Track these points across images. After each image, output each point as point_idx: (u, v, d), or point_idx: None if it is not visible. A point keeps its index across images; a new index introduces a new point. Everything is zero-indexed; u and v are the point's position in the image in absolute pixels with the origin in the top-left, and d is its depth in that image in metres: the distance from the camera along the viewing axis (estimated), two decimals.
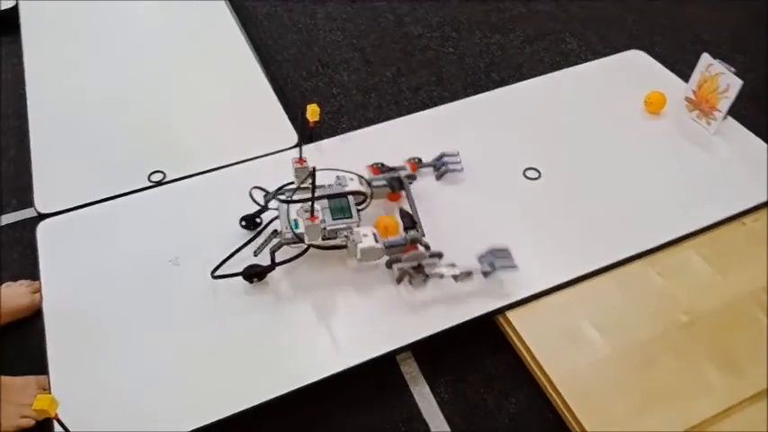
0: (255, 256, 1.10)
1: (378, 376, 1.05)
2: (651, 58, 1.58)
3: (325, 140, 1.37)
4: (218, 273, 1.08)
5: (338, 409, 1.02)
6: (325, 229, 1.06)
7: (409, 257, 1.06)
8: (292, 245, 1.10)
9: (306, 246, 1.09)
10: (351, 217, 1.09)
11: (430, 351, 1.08)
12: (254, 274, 1.08)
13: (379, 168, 1.21)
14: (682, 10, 1.86)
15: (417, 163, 1.27)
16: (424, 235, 1.10)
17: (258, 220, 1.16)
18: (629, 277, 1.13)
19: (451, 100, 1.51)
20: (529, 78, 1.56)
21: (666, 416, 0.96)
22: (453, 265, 1.06)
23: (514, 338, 1.06)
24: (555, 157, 1.31)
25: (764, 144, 1.36)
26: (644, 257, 1.15)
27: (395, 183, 1.19)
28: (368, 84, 1.62)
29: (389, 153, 1.25)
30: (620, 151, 1.34)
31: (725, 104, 1.31)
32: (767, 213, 1.23)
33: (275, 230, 1.11)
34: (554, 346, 1.03)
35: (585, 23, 1.81)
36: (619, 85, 1.49)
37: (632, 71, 1.55)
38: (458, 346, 1.09)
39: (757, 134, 1.38)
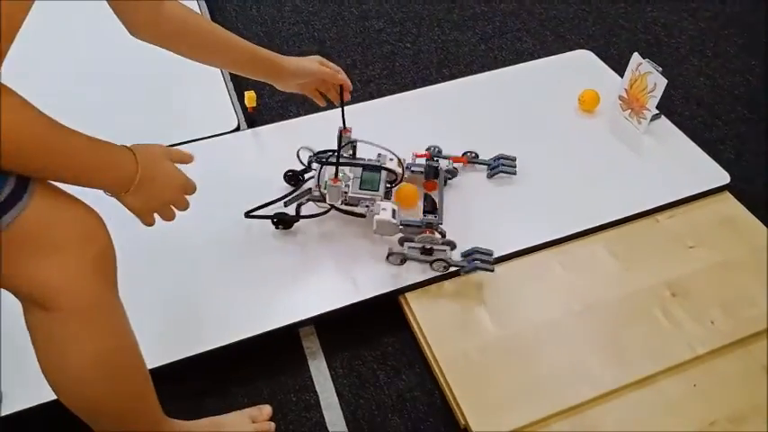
0: (285, 206, 1.20)
1: (279, 349, 1.09)
2: (597, 59, 1.60)
3: (264, 127, 1.42)
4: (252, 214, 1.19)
5: (236, 380, 1.06)
6: (346, 194, 1.14)
7: (422, 239, 1.11)
8: (318, 203, 1.19)
9: (329, 206, 1.18)
10: (376, 190, 1.16)
11: (332, 327, 1.12)
12: (281, 221, 1.18)
13: (433, 153, 1.28)
14: (643, 13, 1.87)
15: (471, 158, 1.31)
16: (441, 222, 1.15)
17: (301, 177, 1.25)
18: (532, 266, 1.16)
19: (399, 92, 1.55)
20: None
21: (545, 399, 0.98)
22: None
23: (411, 319, 1.10)
24: (485, 150, 1.34)
25: (693, 144, 1.37)
26: (551, 247, 1.18)
27: (431, 172, 1.24)
28: None
29: (324, 141, 1.29)
30: (548, 147, 1.36)
31: (653, 103, 1.33)
32: (682, 211, 1.25)
33: (310, 188, 1.20)
34: (445, 329, 1.07)
35: (545, 23, 1.83)
36: (561, 84, 1.51)
37: (577, 70, 1.57)
38: (360, 324, 1.13)
39: (702, 136, 1.40)
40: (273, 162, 1.27)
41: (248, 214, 1.19)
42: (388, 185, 1.19)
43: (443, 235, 1.13)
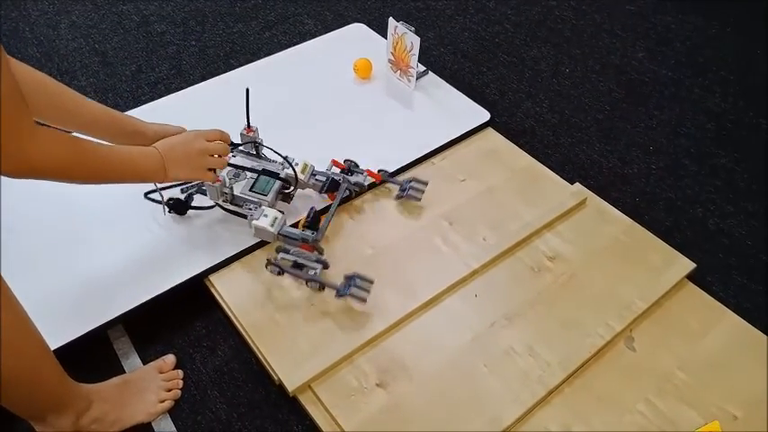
0: (182, 192, 1.22)
1: (90, 356, 1.09)
2: (369, 29, 1.72)
3: None
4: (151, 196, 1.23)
5: None
6: (228, 193, 1.16)
7: (296, 252, 1.11)
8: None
9: (213, 203, 1.19)
10: (265, 195, 1.16)
11: (142, 323, 1.14)
12: (172, 206, 1.20)
13: (350, 166, 1.27)
14: None
15: (385, 176, 1.28)
16: (319, 239, 1.14)
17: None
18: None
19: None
20: None
21: (346, 338, 1.07)
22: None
23: (218, 298, 1.14)
24: (276, 127, 1.39)
25: (458, 92, 1.53)
26: (343, 205, 1.27)
27: (331, 184, 1.22)
28: (106, 85, 1.65)
29: None
30: (332, 117, 1.45)
31: (414, 61, 1.46)
32: (453, 151, 1.40)
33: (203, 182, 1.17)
34: (251, 299, 1.13)
35: (323, 4, 1.93)
36: (339, 57, 1.61)
37: (353, 42, 1.67)
38: (169, 314, 1.15)
39: (470, 84, 1.55)
40: None
41: (146, 195, 1.22)
42: (286, 191, 1.21)
43: (321, 252, 1.14)
